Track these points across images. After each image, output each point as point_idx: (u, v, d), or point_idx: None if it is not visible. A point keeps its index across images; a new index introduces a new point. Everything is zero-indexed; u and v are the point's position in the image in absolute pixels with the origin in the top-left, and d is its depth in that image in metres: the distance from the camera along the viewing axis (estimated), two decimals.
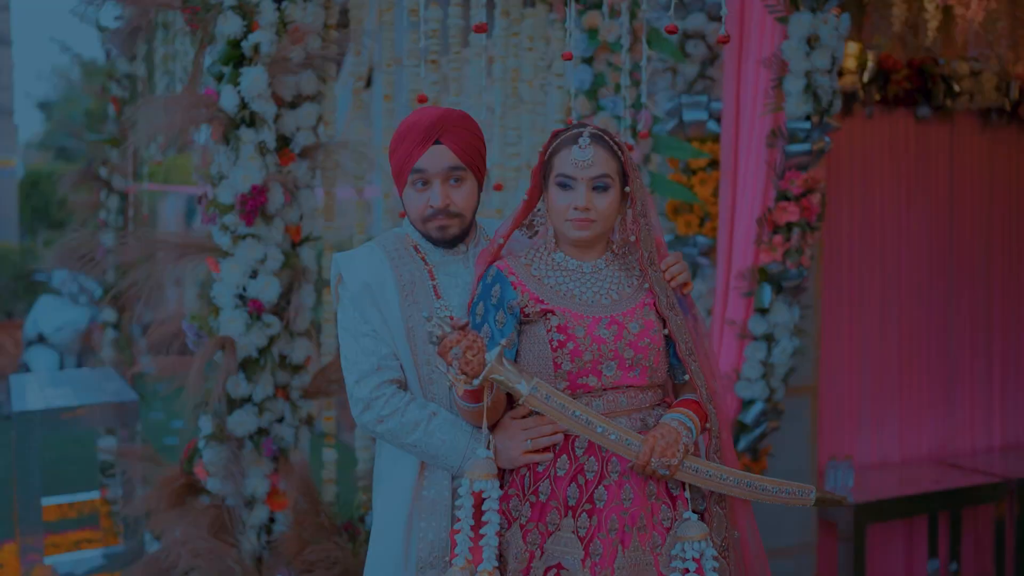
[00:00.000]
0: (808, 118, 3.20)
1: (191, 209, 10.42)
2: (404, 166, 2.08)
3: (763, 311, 3.33)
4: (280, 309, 2.97)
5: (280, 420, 3.05)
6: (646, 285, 2.07)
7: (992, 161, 4.83)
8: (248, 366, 2.92)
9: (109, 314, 5.04)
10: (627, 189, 2.05)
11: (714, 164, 3.73)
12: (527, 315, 2.01)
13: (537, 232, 2.13)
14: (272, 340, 2.94)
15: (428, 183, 2.09)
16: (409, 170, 2.08)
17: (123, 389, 4.18)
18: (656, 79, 3.69)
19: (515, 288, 2.02)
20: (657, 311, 2.05)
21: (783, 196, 3.26)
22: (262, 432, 3.00)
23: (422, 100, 2.55)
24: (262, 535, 3.00)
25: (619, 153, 2.02)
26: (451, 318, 1.86)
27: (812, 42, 3.16)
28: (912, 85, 4.47)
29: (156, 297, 3.04)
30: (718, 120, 3.66)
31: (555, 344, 1.98)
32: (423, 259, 2.17)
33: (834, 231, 4.33)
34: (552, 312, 2.00)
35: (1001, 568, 4.43)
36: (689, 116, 3.67)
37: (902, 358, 4.59)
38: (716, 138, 3.69)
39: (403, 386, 2.11)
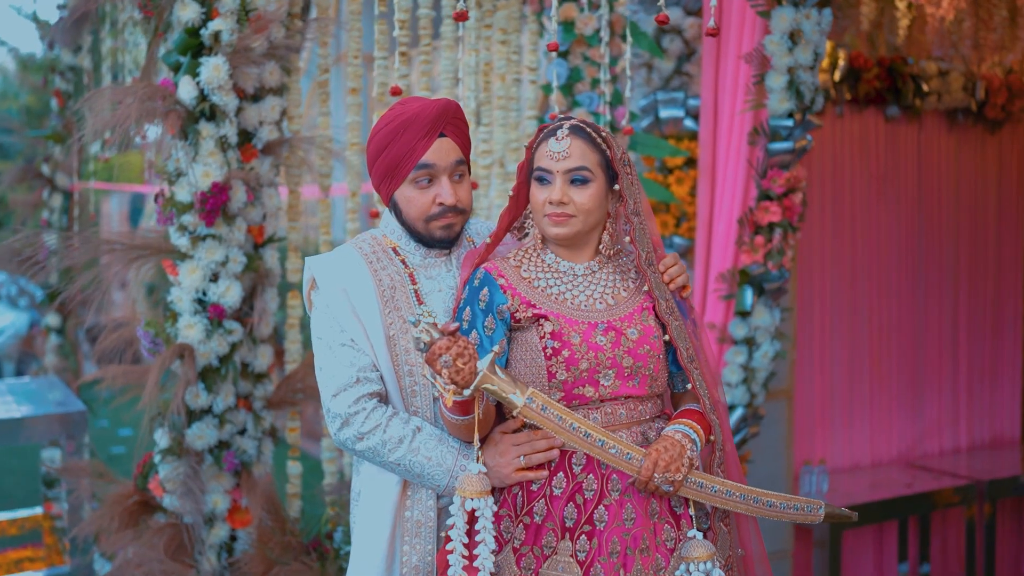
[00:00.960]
0: (791, 115, 3.11)
1: (137, 208, 10.09)
2: (404, 161, 1.93)
3: (744, 314, 3.24)
4: (242, 314, 2.80)
5: (242, 432, 2.88)
6: (644, 288, 1.95)
7: (959, 162, 4.82)
8: (208, 375, 2.75)
9: (53, 319, 4.78)
10: (616, 187, 1.92)
11: (691, 163, 3.63)
12: (518, 321, 1.88)
13: (527, 235, 1.99)
14: (234, 347, 2.76)
15: (433, 179, 1.95)
16: (413, 165, 1.93)
17: (69, 399, 3.95)
18: (631, 75, 3.58)
19: (504, 291, 1.89)
20: (657, 315, 1.93)
21: (765, 195, 3.16)
22: (223, 445, 2.83)
23: (396, 93, 2.40)
24: (223, 555, 2.83)
25: (603, 146, 1.89)
26: (434, 324, 1.71)
27: (795, 37, 3.07)
28: (882, 84, 4.43)
29: (105, 302, 2.85)
30: (695, 117, 3.56)
31: (549, 352, 1.85)
32: (403, 262, 2.03)
33: (805, 231, 4.26)
34: (545, 317, 1.87)
35: (972, 570, 4.40)
36: (665, 113, 3.56)
37: (873, 359, 4.55)
38: (693, 136, 3.59)
39: (384, 399, 1.97)
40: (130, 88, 2.69)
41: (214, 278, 2.71)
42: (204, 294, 2.71)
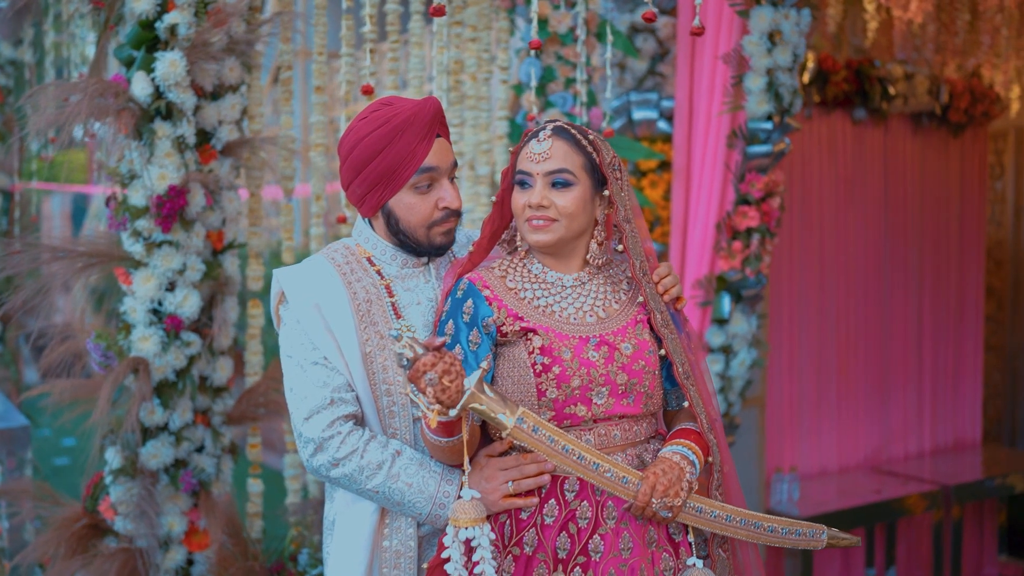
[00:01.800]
0: (769, 118, 3.03)
1: (80, 208, 9.74)
2: (404, 166, 1.80)
3: (722, 321, 3.15)
4: (201, 325, 2.64)
5: (200, 449, 2.72)
6: (639, 299, 1.84)
7: (923, 165, 4.81)
8: (164, 390, 2.59)
9: None
10: (605, 192, 1.81)
11: (665, 165, 3.54)
12: (504, 335, 1.76)
13: (517, 248, 1.87)
14: (192, 360, 2.61)
15: (434, 183, 1.82)
16: (414, 169, 1.80)
17: (9, 412, 3.73)
18: (604, 75, 3.47)
19: (490, 303, 1.77)
20: (652, 329, 1.82)
21: (743, 200, 3.09)
22: (179, 464, 2.68)
23: (367, 92, 2.26)
24: None
25: (588, 149, 1.78)
26: (417, 339, 1.58)
27: (774, 38, 2.99)
28: (850, 87, 4.39)
29: (50, 311, 2.67)
30: (669, 119, 3.47)
31: (538, 368, 1.73)
32: (379, 273, 1.89)
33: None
34: (534, 331, 1.75)
35: (939, 573, 4.38)
36: (639, 114, 3.47)
37: (840, 364, 4.51)
38: (667, 138, 3.50)
39: (360, 422, 1.83)
40: (78, 84, 2.52)
41: (170, 287, 2.56)
42: (160, 304, 2.56)
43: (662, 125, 3.51)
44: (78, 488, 2.73)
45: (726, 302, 3.14)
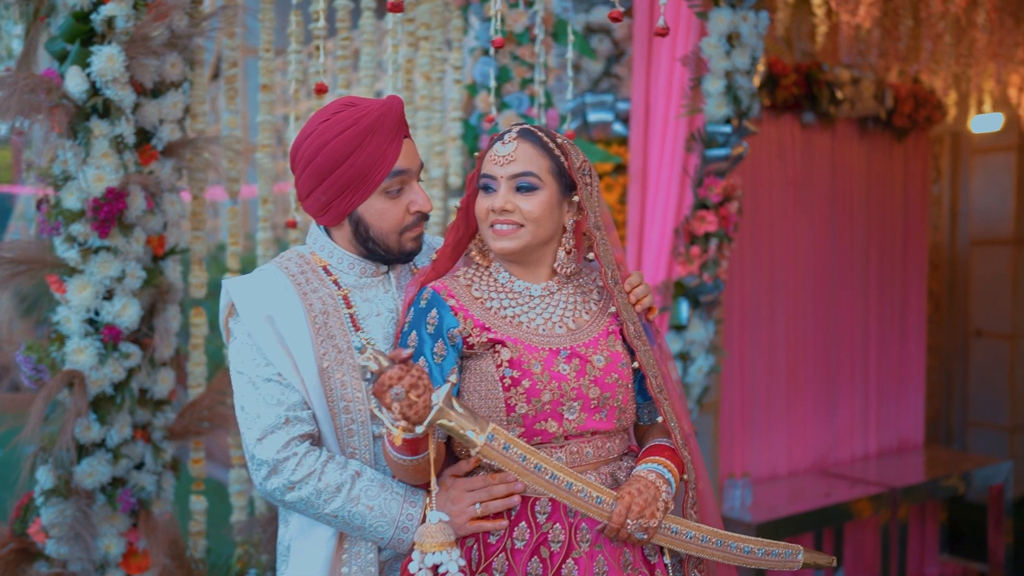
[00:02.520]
0: (728, 121, 2.99)
1: (6, 209, 9.35)
2: (374, 170, 1.70)
3: (679, 328, 3.11)
4: (140, 335, 2.49)
5: (139, 467, 2.57)
6: (610, 310, 1.77)
7: (869, 170, 4.84)
8: (101, 405, 2.44)
9: None
10: (575, 198, 1.74)
11: (620, 168, 3.48)
12: (471, 347, 1.68)
13: (492, 263, 1.78)
14: (131, 373, 2.46)
15: (404, 186, 1.73)
16: (386, 173, 1.71)
17: None
18: (561, 76, 3.40)
19: (456, 313, 1.68)
20: (624, 340, 1.75)
21: (701, 204, 3.04)
22: (117, 482, 2.52)
23: (321, 90, 2.15)
24: None
25: (556, 153, 1.71)
26: (379, 351, 1.49)
27: (732, 40, 2.96)
28: (799, 91, 4.39)
29: None
30: (624, 121, 3.41)
31: (507, 382, 1.65)
32: (335, 283, 1.79)
33: None
34: (502, 343, 1.67)
35: (886, 573, 4.41)
36: (594, 116, 3.40)
37: (789, 368, 4.51)
38: (622, 140, 3.44)
39: (316, 441, 1.73)
40: (5, 78, 2.35)
41: (108, 295, 2.41)
42: (96, 314, 2.40)
43: (617, 127, 3.45)
44: (5, 510, 2.56)
45: (684, 308, 3.09)
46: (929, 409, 5.88)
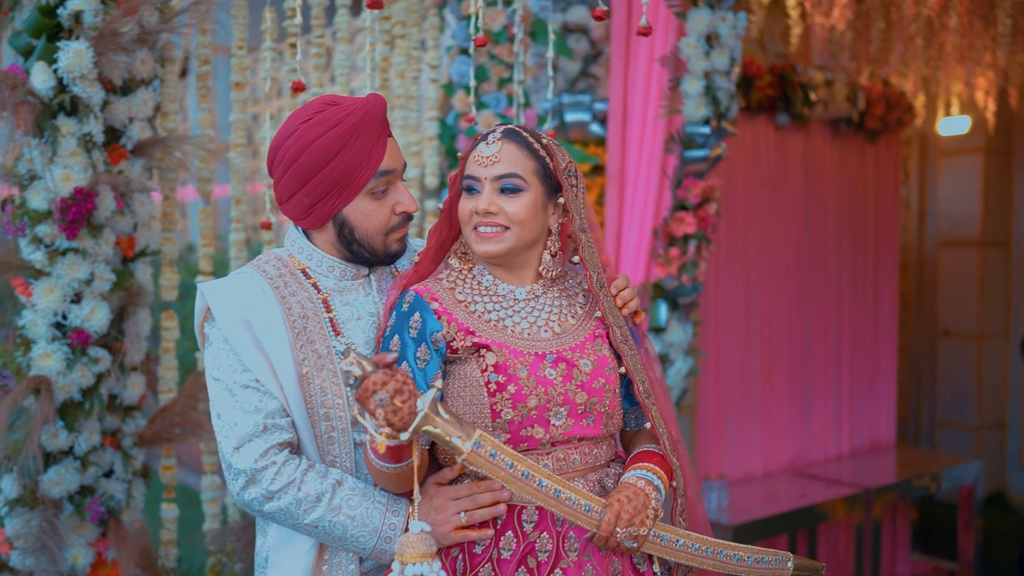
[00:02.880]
0: (707, 122, 2.97)
1: None
2: (361, 170, 1.66)
3: (658, 330, 3.08)
4: (110, 340, 2.42)
5: (108, 474, 2.50)
6: (596, 314, 1.74)
7: (842, 171, 4.86)
8: (69, 411, 2.38)
9: None
10: (560, 200, 1.71)
11: (598, 169, 3.46)
12: (455, 351, 1.64)
13: (475, 266, 1.75)
14: (100, 378, 2.40)
15: (390, 186, 1.69)
16: (372, 174, 1.66)
17: None
18: (536, 76, 3.37)
19: (439, 317, 1.64)
20: (611, 344, 1.72)
21: (680, 206, 3.02)
22: (86, 491, 2.46)
23: (299, 88, 2.10)
24: None
25: (541, 153, 1.67)
26: (362, 356, 1.44)
27: (711, 41, 2.94)
28: (774, 92, 4.39)
29: None
30: (602, 122, 3.39)
31: (492, 388, 1.61)
32: (314, 286, 1.74)
33: None
34: (487, 347, 1.63)
35: (860, 573, 4.43)
36: (571, 117, 3.37)
37: (764, 368, 4.51)
38: (600, 141, 3.41)
39: (296, 450, 1.68)
40: None
41: (76, 298, 2.34)
42: (64, 317, 2.34)
43: (595, 128, 3.42)
44: None
45: (663, 310, 3.07)
46: (899, 409, 5.93)
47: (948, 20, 4.20)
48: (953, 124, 5.99)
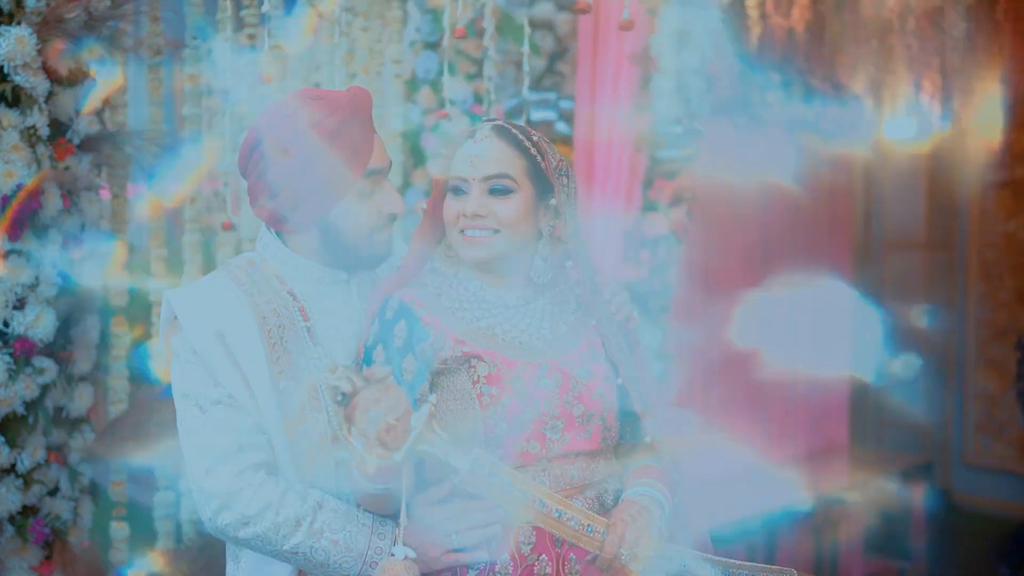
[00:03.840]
0: (678, 121, 2.91)
1: None
2: (352, 168, 1.53)
3: None
4: (56, 348, 2.27)
5: (54, 492, 2.34)
6: (590, 321, 1.65)
7: (797, 172, 4.86)
8: (11, 426, 2.23)
9: None
10: (552, 201, 1.61)
11: None
12: (444, 362, 1.53)
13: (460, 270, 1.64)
14: (45, 390, 2.24)
15: (376, 186, 1.58)
16: (362, 172, 1.55)
17: None
18: (502, 71, 3.27)
19: (427, 326, 1.54)
20: (606, 353, 1.63)
21: (651, 207, 2.95)
22: (28, 511, 2.29)
23: (268, 81, 1.97)
24: None
25: (532, 152, 1.58)
26: (351, 370, 1.33)
27: (683, 38, 2.88)
28: (732, 92, 4.36)
29: None
30: (568, 120, 3.31)
31: (485, 400, 1.51)
32: (290, 292, 1.62)
33: None
34: (478, 357, 1.53)
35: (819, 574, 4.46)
36: (536, 115, 3.29)
37: (721, 372, 4.48)
38: (566, 140, 3.33)
39: (271, 470, 1.56)
40: None
41: (19, 304, 2.19)
42: (6, 325, 2.19)
43: (560, 127, 3.35)
44: None
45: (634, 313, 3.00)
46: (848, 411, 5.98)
47: (908, 24, 4.23)
48: (899, 127, 6.05)
